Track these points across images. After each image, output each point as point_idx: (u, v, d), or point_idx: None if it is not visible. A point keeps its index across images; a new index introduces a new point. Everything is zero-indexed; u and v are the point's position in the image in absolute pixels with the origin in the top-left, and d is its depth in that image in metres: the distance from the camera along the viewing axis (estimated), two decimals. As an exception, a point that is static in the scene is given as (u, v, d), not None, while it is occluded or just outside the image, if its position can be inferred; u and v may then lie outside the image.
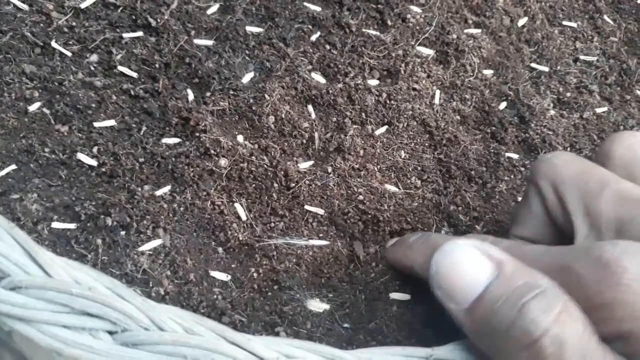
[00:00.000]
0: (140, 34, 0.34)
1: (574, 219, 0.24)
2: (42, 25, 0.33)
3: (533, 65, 0.40)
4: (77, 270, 0.21)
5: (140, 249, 0.28)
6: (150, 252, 0.28)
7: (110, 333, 0.20)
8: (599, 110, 0.39)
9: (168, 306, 0.21)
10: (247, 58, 0.35)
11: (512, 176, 0.35)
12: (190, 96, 0.33)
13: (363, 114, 0.35)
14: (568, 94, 0.39)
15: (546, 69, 0.40)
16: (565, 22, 0.42)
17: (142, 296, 0.21)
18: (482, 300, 0.20)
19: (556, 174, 0.26)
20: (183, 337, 0.20)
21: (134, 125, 0.31)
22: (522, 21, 0.41)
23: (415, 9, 0.38)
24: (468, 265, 0.21)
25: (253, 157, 0.31)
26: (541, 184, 0.26)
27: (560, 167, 0.26)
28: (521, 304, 0.19)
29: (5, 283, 0.20)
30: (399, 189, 0.33)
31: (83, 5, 0.34)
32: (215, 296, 0.27)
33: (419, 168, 0.34)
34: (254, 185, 0.31)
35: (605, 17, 0.44)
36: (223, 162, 0.31)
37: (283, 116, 0.33)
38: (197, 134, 0.31)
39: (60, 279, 0.20)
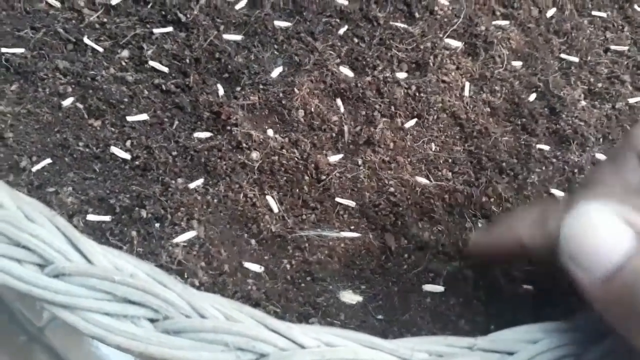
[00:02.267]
0: (170, 29, 0.34)
1: None
2: (74, 22, 0.34)
3: (562, 56, 0.39)
4: (117, 257, 0.21)
5: (175, 240, 0.28)
6: (185, 244, 0.28)
7: (152, 321, 0.21)
8: (631, 100, 0.38)
9: (208, 294, 0.21)
10: (275, 52, 0.35)
11: (543, 168, 0.34)
12: (221, 91, 0.33)
13: (392, 107, 0.34)
14: (599, 85, 0.38)
15: (576, 59, 0.39)
16: (594, 12, 0.42)
17: (183, 283, 0.21)
18: (623, 270, 0.18)
19: None
20: (224, 324, 0.20)
21: (166, 120, 0.32)
22: (550, 12, 0.41)
23: (443, 1, 0.38)
24: (606, 231, 0.19)
25: (284, 150, 0.31)
26: None
27: None
28: None
29: (48, 270, 0.20)
30: (430, 181, 0.32)
31: (114, 2, 0.34)
32: (249, 287, 0.27)
33: (450, 160, 0.33)
34: (285, 178, 0.31)
35: (636, 6, 0.43)
36: (254, 155, 0.31)
37: (312, 110, 0.33)
38: (229, 128, 0.31)
39: (102, 267, 0.21)
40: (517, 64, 0.38)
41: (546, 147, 0.35)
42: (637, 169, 0.24)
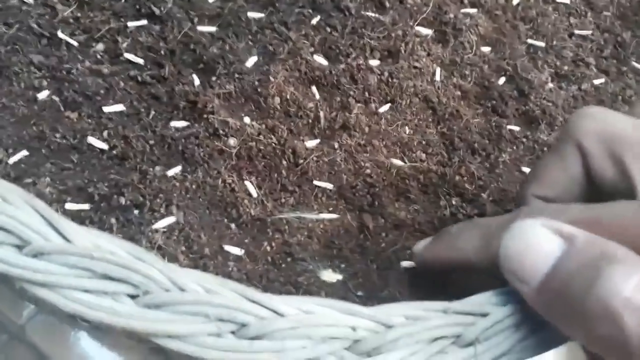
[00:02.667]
0: (144, 22, 0.35)
1: (636, 180, 0.23)
2: (47, 17, 0.34)
3: (529, 41, 0.40)
4: (97, 237, 0.21)
5: (155, 226, 0.28)
6: (165, 229, 0.28)
7: (132, 296, 0.21)
8: (596, 81, 0.39)
9: (188, 270, 0.22)
10: (250, 43, 0.36)
11: (514, 147, 0.35)
12: (196, 81, 0.33)
13: (366, 92, 0.35)
14: (565, 68, 0.40)
15: (542, 44, 0.40)
16: None
17: (163, 260, 0.21)
18: (552, 274, 0.20)
19: (607, 131, 0.24)
20: (204, 296, 0.20)
21: (142, 110, 0.32)
22: (516, 0, 0.42)
23: (412, -10, 0.39)
24: (537, 243, 0.20)
25: (261, 136, 0.32)
26: (585, 141, 0.24)
27: (612, 123, 0.24)
28: (598, 273, 0.18)
29: (27, 250, 0.21)
30: (405, 162, 0.33)
31: (87, -3, 0.35)
32: (230, 269, 0.28)
33: (424, 142, 0.34)
34: (263, 163, 0.31)
35: (598, -7, 0.44)
36: (232, 141, 0.31)
37: (288, 97, 0.34)
38: (205, 116, 0.32)
39: (81, 245, 0.21)
40: (486, 49, 0.39)
41: (516, 128, 0.36)
42: (577, 159, 0.25)
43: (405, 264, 0.30)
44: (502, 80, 0.38)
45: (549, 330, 0.22)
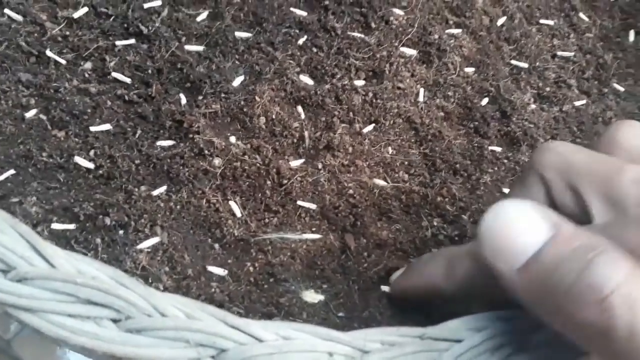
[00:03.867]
0: (132, 41, 0.35)
1: (591, 205, 0.24)
2: (36, 35, 0.34)
3: (513, 62, 0.41)
4: (79, 261, 0.22)
5: (139, 246, 0.28)
6: (149, 250, 0.28)
7: (114, 321, 0.21)
8: (577, 103, 0.40)
9: (170, 294, 0.22)
10: (237, 62, 0.36)
11: (495, 168, 0.36)
12: (183, 100, 0.34)
13: (351, 113, 0.36)
14: (547, 89, 0.40)
15: (525, 65, 0.41)
16: (542, 20, 0.44)
17: (144, 285, 0.22)
18: (538, 258, 0.20)
19: (565, 163, 0.25)
20: (185, 322, 0.21)
21: (129, 129, 0.32)
22: (501, 20, 0.43)
23: (398, 11, 0.40)
24: (522, 223, 0.20)
25: (246, 156, 0.32)
26: (547, 173, 0.25)
27: (569, 156, 0.25)
28: (587, 260, 0.19)
29: (11, 276, 0.21)
30: (388, 182, 0.34)
31: (76, 15, 0.35)
32: (213, 290, 0.28)
33: (406, 163, 0.35)
34: (247, 183, 0.32)
35: (581, 14, 0.45)
36: (217, 161, 0.32)
37: (274, 117, 0.34)
38: (191, 136, 0.32)
39: (65, 270, 0.21)
40: (470, 70, 0.40)
41: (498, 149, 0.37)
42: (541, 189, 0.26)
43: (386, 288, 0.30)
44: (485, 101, 0.38)
45: (527, 355, 0.22)
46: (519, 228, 0.20)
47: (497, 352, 0.23)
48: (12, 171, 0.30)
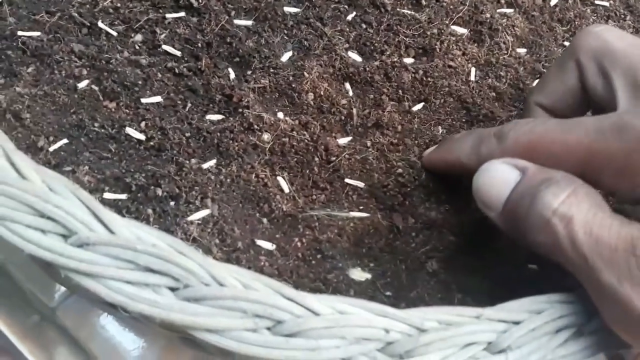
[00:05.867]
0: (182, 14, 0.35)
1: (617, 92, 0.25)
2: (88, 6, 0.34)
3: (566, 43, 0.40)
4: (138, 229, 0.22)
5: (190, 218, 0.28)
6: (199, 222, 0.28)
7: (172, 289, 0.21)
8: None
9: (226, 264, 0.22)
10: (285, 37, 0.36)
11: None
12: (232, 74, 0.34)
13: (400, 90, 0.35)
14: (602, 72, 0.39)
15: (580, 47, 0.40)
16: (597, 1, 0.42)
17: (203, 254, 0.22)
18: (509, 199, 0.24)
19: (603, 48, 0.26)
20: (242, 292, 0.21)
21: (179, 102, 0.32)
22: (554, 1, 0.41)
23: (449, -12, 0.39)
24: (499, 176, 0.25)
25: (294, 132, 0.32)
26: (582, 57, 0.27)
27: (609, 42, 0.26)
28: (537, 193, 0.23)
29: (72, 240, 0.21)
30: (437, 163, 0.33)
31: (127, -13, 0.35)
32: (262, 263, 0.28)
33: (456, 143, 0.34)
34: (295, 159, 0.32)
35: (638, -4, 0.44)
36: (266, 136, 0.32)
37: (322, 93, 0.34)
38: (240, 110, 0.32)
39: (124, 237, 0.21)
40: (522, 50, 0.39)
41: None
42: (575, 73, 0.28)
43: (435, 265, 0.30)
44: (536, 82, 0.37)
45: (584, 340, 0.22)
46: (496, 180, 0.25)
47: (555, 336, 0.22)
48: (65, 140, 0.30)
